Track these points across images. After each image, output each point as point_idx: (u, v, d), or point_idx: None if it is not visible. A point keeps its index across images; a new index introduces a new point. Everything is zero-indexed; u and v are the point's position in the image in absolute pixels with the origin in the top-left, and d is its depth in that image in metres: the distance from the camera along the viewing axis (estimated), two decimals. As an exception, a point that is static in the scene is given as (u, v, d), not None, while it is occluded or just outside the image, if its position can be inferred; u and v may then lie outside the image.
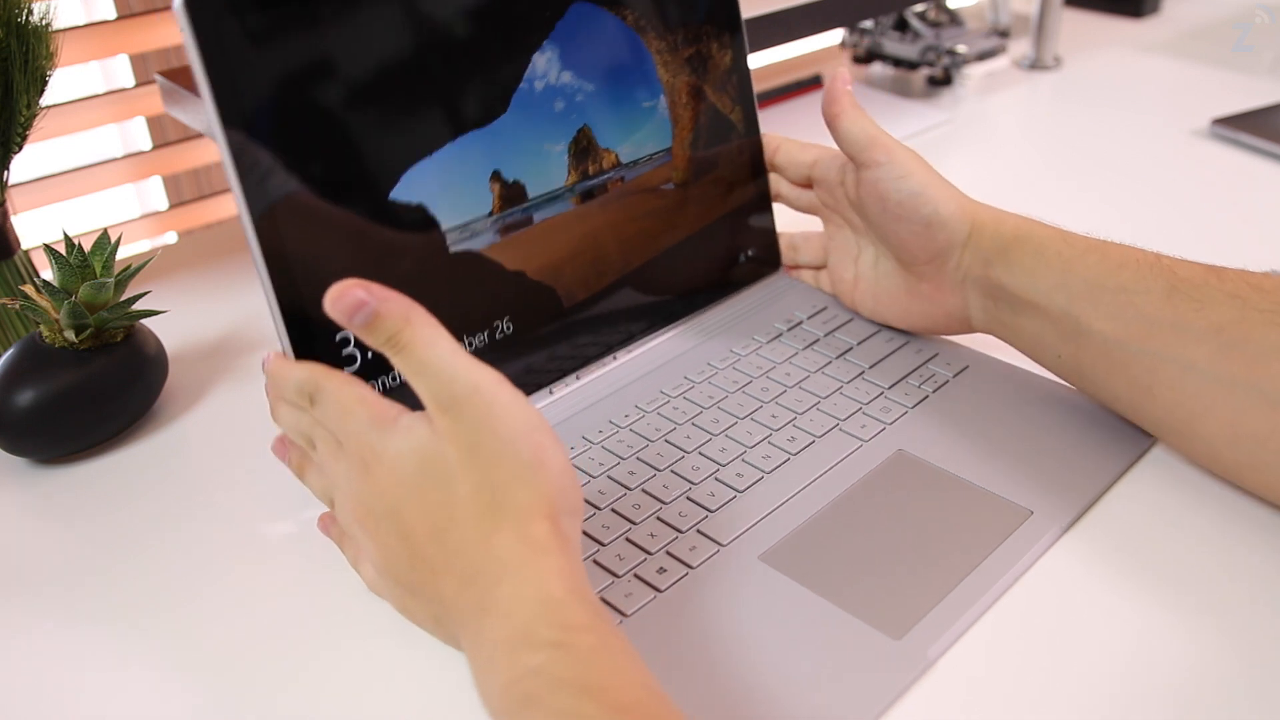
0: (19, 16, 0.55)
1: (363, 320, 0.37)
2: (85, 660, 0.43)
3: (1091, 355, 0.49)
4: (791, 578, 0.44)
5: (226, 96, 0.42)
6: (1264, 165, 0.84)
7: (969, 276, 0.53)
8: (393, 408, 0.40)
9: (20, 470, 0.55)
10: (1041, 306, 0.50)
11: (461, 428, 0.37)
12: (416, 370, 0.37)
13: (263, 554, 0.49)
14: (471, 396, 0.37)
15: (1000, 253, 0.51)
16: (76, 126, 0.79)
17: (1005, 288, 0.51)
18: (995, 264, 0.51)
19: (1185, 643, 0.42)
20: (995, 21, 1.15)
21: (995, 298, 0.52)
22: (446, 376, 0.37)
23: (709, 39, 0.59)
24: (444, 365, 0.37)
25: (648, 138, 0.57)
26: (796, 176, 0.62)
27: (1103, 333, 0.48)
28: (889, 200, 0.54)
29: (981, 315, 0.54)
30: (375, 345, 0.37)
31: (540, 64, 0.52)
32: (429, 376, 0.37)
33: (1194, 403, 0.46)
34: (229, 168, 0.43)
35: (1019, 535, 0.46)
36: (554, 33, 0.52)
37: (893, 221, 0.54)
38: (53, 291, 0.53)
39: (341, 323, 0.37)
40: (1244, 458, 0.45)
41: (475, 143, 0.50)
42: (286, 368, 0.42)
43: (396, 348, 0.37)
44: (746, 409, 0.54)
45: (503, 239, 0.52)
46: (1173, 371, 0.46)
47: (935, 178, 0.54)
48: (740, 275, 0.64)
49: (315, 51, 0.45)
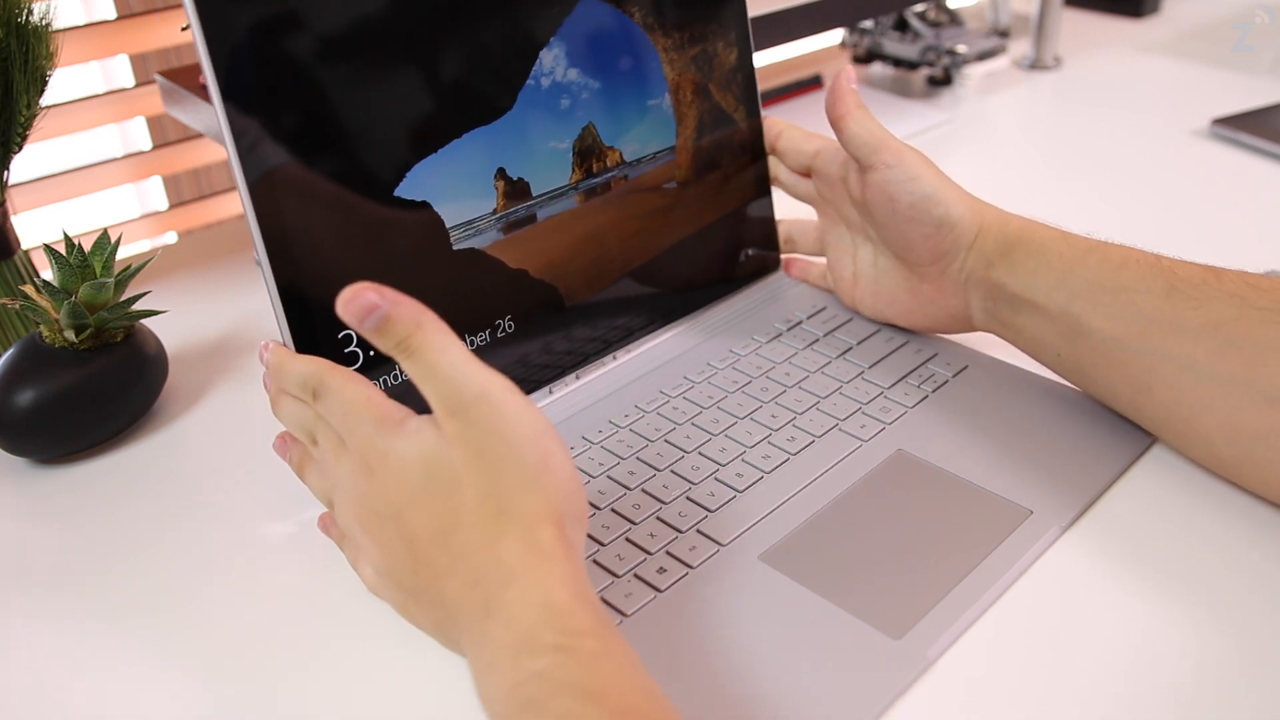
0: (19, 16, 0.55)
1: (374, 323, 0.36)
2: (85, 660, 0.43)
3: (1091, 354, 0.49)
4: (791, 578, 0.44)
5: (233, 93, 0.42)
6: (1264, 165, 0.84)
7: (971, 277, 0.53)
8: (399, 410, 0.39)
9: (20, 470, 0.55)
10: (1041, 306, 0.50)
11: (470, 432, 0.37)
12: (426, 375, 0.37)
13: (262, 554, 0.48)
14: (481, 402, 0.37)
15: (1002, 254, 0.52)
16: (76, 126, 0.79)
17: (1006, 288, 0.51)
18: (997, 265, 0.52)
19: (1186, 641, 0.42)
20: (995, 21, 1.15)
21: (996, 298, 0.52)
22: (457, 382, 0.37)
23: (715, 37, 0.59)
24: (454, 370, 0.37)
25: (652, 136, 0.57)
26: (797, 164, 0.62)
27: (1102, 331, 0.48)
28: (899, 203, 0.54)
29: (982, 315, 0.54)
30: (385, 348, 0.37)
31: (548, 60, 0.52)
32: (439, 381, 0.37)
33: (1192, 400, 0.46)
34: (235, 164, 0.43)
35: (1019, 535, 0.46)
36: (561, 29, 0.52)
37: (903, 223, 0.54)
38: (53, 291, 0.53)
39: (353, 325, 0.37)
40: (1242, 455, 0.46)
41: (481, 139, 0.50)
42: (289, 359, 0.42)
43: (407, 352, 0.37)
44: (746, 409, 0.54)
45: (506, 237, 0.52)
46: (1171, 370, 0.46)
47: (945, 180, 0.54)
48: (740, 274, 0.64)
49: (320, 48, 0.45)
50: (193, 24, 0.41)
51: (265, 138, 0.43)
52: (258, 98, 0.43)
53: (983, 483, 0.49)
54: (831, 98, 0.56)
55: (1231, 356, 0.44)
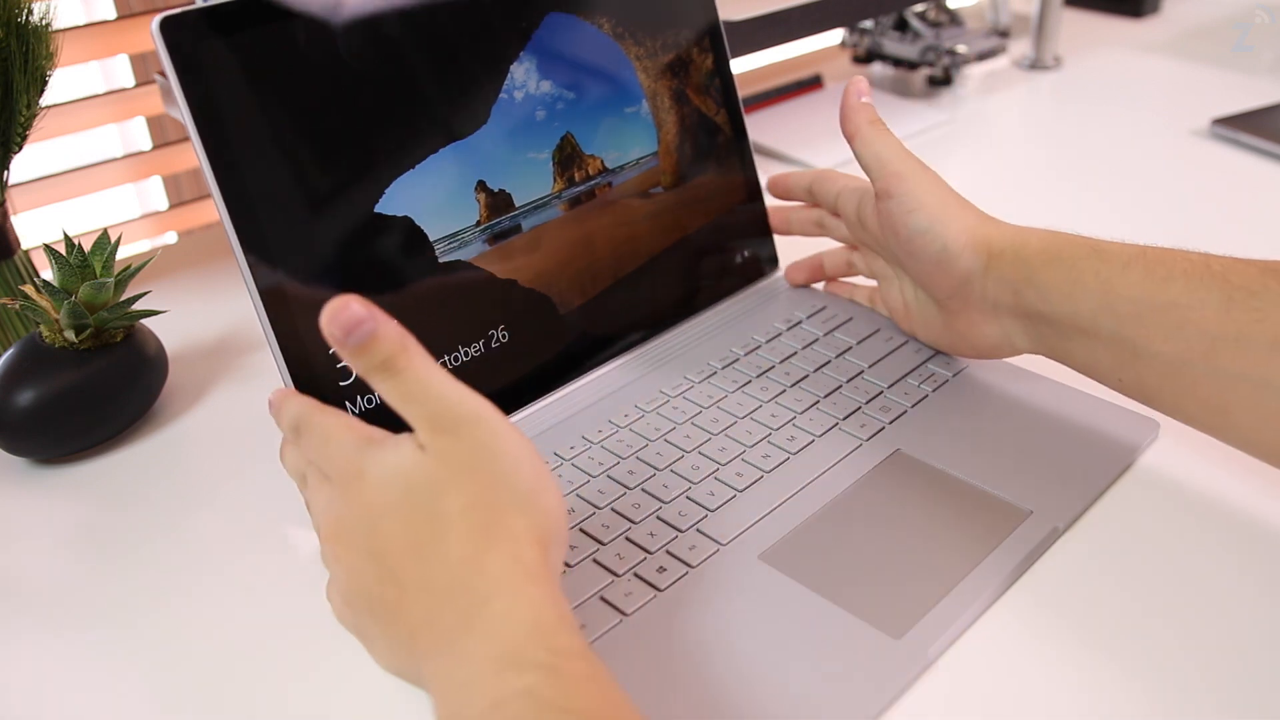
0: (19, 16, 0.55)
1: (360, 338, 0.35)
2: (84, 659, 0.43)
3: (1155, 378, 0.45)
4: (791, 577, 0.44)
5: (207, 123, 0.43)
6: (1264, 165, 0.84)
7: (999, 305, 0.50)
8: (379, 431, 0.39)
9: (20, 470, 0.55)
10: (1088, 331, 0.46)
11: (461, 447, 0.36)
12: (413, 393, 0.36)
13: (261, 553, 0.48)
14: (474, 421, 0.36)
15: (1027, 278, 0.48)
16: (76, 126, 0.79)
17: (1043, 314, 0.48)
18: (1025, 290, 0.48)
19: (1187, 640, 0.42)
20: (995, 21, 1.15)
21: (1036, 324, 0.49)
22: (449, 401, 0.36)
23: (688, 44, 0.60)
24: (446, 389, 0.36)
25: (632, 143, 0.58)
26: (828, 208, 0.60)
27: (1162, 354, 0.44)
28: (900, 236, 0.51)
29: (1028, 341, 0.50)
30: (365, 367, 0.36)
31: (519, 74, 0.53)
32: (429, 400, 0.36)
33: (1277, 421, 0.42)
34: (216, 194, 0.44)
35: (1019, 535, 0.46)
36: (530, 43, 0.53)
37: (906, 258, 0.53)
38: (53, 291, 0.53)
39: (335, 339, 0.35)
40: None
41: (458, 154, 0.51)
42: (285, 401, 0.42)
43: (392, 371, 0.36)
44: (746, 408, 0.54)
45: (492, 248, 0.52)
46: (1247, 390, 0.42)
47: (945, 209, 0.50)
48: (737, 276, 0.64)
49: (292, 72, 0.46)
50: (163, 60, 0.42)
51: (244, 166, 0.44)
52: (233, 130, 0.44)
53: (982, 483, 0.49)
54: (841, 115, 0.53)
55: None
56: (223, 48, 0.44)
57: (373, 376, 0.36)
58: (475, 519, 0.35)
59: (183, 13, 0.43)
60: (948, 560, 0.45)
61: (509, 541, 0.35)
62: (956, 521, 0.47)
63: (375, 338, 0.35)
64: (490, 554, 0.35)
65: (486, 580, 0.34)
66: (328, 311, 0.35)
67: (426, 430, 0.36)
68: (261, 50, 0.45)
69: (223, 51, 0.44)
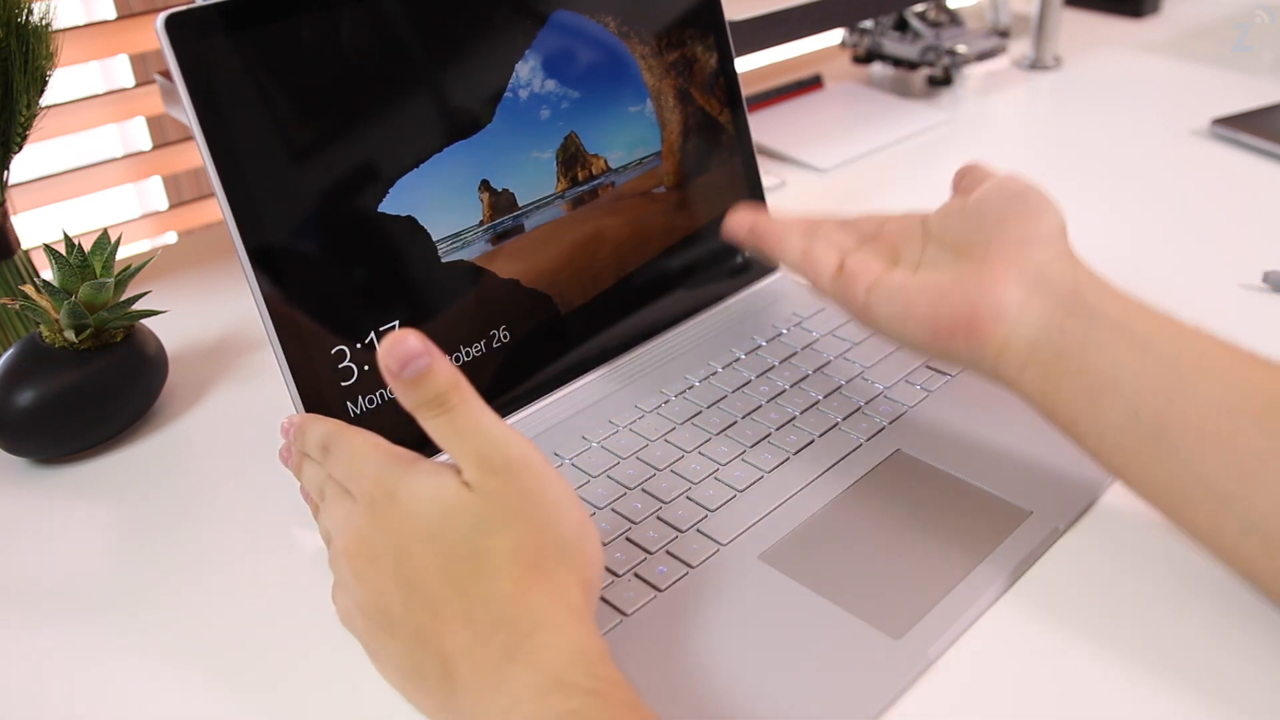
0: (19, 16, 0.55)
1: (414, 372, 0.35)
2: (84, 659, 0.43)
3: None
4: (791, 577, 0.44)
5: (211, 121, 0.43)
6: (1264, 165, 0.84)
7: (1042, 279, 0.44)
8: (408, 452, 0.39)
9: (20, 470, 0.55)
10: None
11: (511, 488, 0.36)
12: (464, 431, 0.36)
13: (262, 553, 0.48)
14: (525, 465, 0.37)
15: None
16: (76, 126, 0.79)
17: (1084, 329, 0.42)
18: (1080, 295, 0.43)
19: (1187, 640, 0.42)
20: (995, 21, 1.15)
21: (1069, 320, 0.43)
22: (500, 442, 0.36)
23: (693, 43, 0.60)
24: (495, 430, 0.37)
25: (636, 142, 0.58)
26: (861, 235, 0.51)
27: None
28: (992, 180, 0.47)
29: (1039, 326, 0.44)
30: (416, 401, 0.36)
31: (524, 73, 0.52)
32: (481, 439, 0.36)
33: None
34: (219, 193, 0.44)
35: (1019, 535, 0.46)
36: (535, 42, 0.53)
37: (980, 201, 0.47)
38: (53, 291, 0.53)
39: (390, 371, 0.36)
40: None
41: (462, 153, 0.51)
42: (309, 422, 0.42)
43: (445, 407, 0.36)
44: (746, 408, 0.54)
45: (495, 248, 0.52)
46: None
47: None
48: (739, 276, 0.64)
49: (296, 70, 0.45)
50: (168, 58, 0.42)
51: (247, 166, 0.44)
52: (237, 130, 0.44)
53: (982, 483, 0.49)
54: None
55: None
56: (228, 46, 0.43)
57: (422, 411, 0.36)
58: (523, 560, 0.36)
59: (188, 10, 0.43)
60: (948, 560, 0.45)
61: (553, 583, 0.36)
62: (956, 521, 0.47)
63: (430, 373, 0.36)
64: (534, 591, 0.35)
65: (532, 616, 0.35)
66: (385, 345, 0.36)
67: (474, 469, 0.36)
68: (266, 48, 0.44)
69: (228, 49, 0.43)
